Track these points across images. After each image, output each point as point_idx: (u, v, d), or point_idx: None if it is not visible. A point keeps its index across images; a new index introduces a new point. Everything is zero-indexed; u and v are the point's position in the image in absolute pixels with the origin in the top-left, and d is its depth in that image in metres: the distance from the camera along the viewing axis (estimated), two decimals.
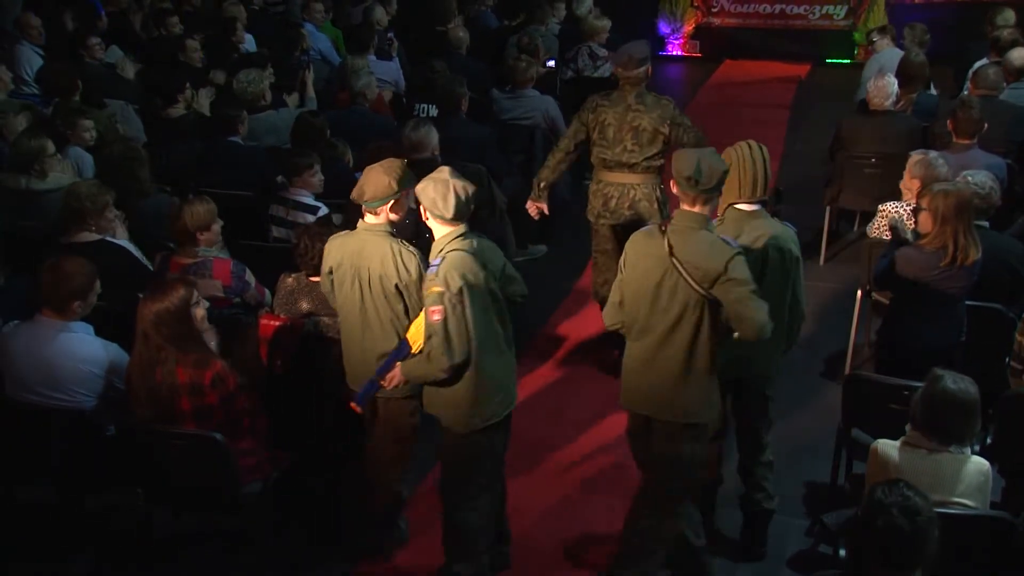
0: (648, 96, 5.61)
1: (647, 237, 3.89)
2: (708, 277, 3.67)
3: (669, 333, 3.80)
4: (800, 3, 12.13)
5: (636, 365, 3.94)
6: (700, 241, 3.73)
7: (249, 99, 6.88)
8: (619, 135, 5.58)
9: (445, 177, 3.79)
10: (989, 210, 4.95)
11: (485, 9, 10.50)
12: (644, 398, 3.94)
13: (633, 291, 3.89)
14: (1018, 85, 7.04)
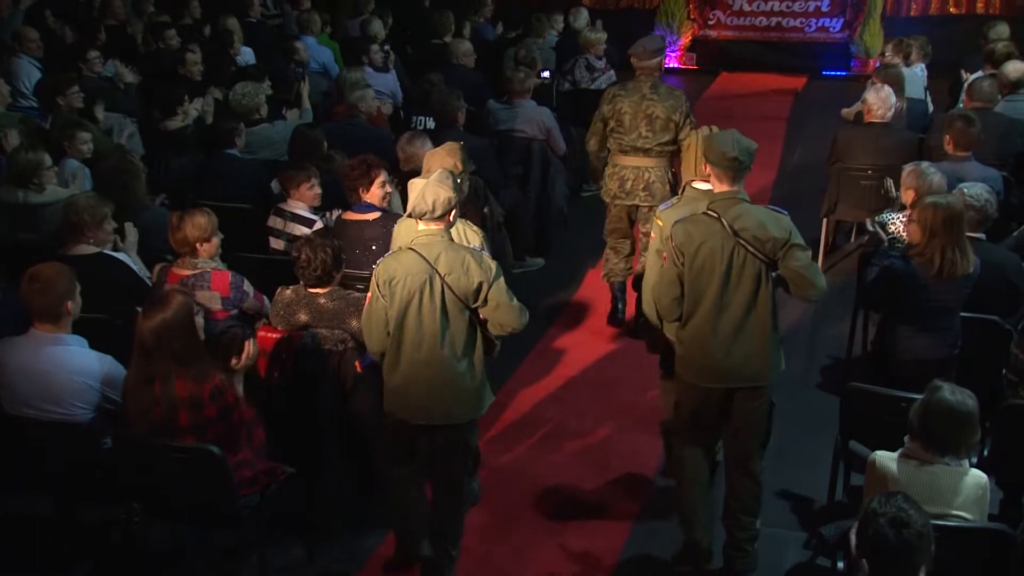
0: (662, 86, 6.11)
1: (698, 225, 4.11)
2: (777, 246, 4.03)
3: (750, 305, 4.10)
4: (796, 16, 12.18)
5: (718, 344, 4.13)
6: (755, 215, 4.06)
7: (246, 112, 6.89)
8: (634, 122, 6.04)
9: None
10: (986, 222, 4.96)
11: (483, 21, 10.54)
12: (734, 371, 4.17)
13: (698, 276, 4.11)
14: (1013, 98, 7.07)
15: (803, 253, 4.07)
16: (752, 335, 4.13)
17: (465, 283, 3.94)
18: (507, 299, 4.00)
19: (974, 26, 10.45)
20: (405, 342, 4.01)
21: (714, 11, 12.35)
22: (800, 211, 7.80)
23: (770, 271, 4.10)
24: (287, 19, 10.61)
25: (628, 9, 12.66)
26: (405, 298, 3.96)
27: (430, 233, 4.00)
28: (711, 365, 4.18)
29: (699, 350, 4.20)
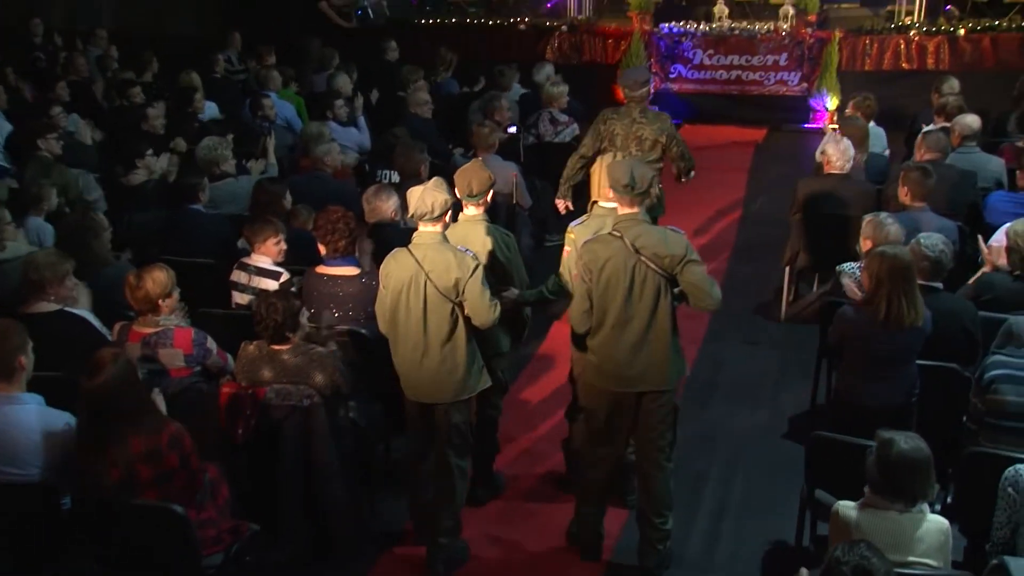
0: (649, 112, 6.84)
1: (603, 244, 4.53)
2: (675, 262, 4.41)
3: (652, 317, 4.48)
4: (755, 70, 12.36)
5: (624, 353, 4.52)
6: (655, 234, 4.48)
7: (209, 167, 6.90)
8: (626, 143, 6.68)
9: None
10: (941, 272, 5.05)
11: (446, 75, 10.64)
12: (638, 377, 4.56)
13: (604, 291, 4.50)
14: (964, 149, 7.22)
15: (698, 268, 4.47)
16: (654, 344, 4.52)
17: (445, 279, 4.47)
18: (479, 295, 4.50)
19: (925, 80, 10.72)
20: (398, 329, 4.62)
21: (675, 65, 12.52)
22: (762, 261, 8.01)
23: (670, 286, 4.49)
24: (251, 74, 10.65)
25: (590, 63, 12.80)
26: (396, 290, 4.55)
27: (427, 234, 4.54)
28: (620, 372, 4.57)
29: (609, 358, 4.57)
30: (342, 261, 5.34)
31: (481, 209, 4.96)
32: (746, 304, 7.62)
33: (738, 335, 7.23)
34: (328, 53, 10.77)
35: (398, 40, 11.65)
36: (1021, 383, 4.31)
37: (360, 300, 5.31)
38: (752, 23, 12.49)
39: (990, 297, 5.33)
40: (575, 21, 12.97)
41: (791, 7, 12.11)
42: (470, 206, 4.96)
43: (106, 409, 3.82)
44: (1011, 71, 10.99)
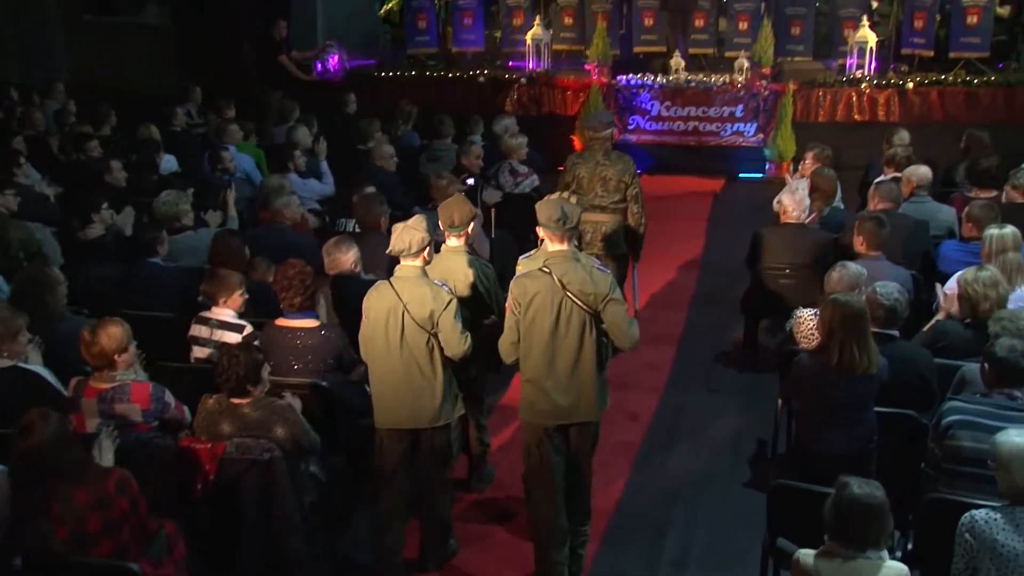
0: (612, 153, 7.29)
1: (533, 280, 4.70)
2: (598, 299, 4.61)
3: (578, 351, 4.68)
4: (712, 121, 12.54)
5: (554, 386, 4.71)
6: (581, 272, 4.64)
7: (168, 220, 6.87)
8: (591, 184, 7.17)
9: None
10: (897, 320, 5.12)
11: (406, 128, 10.70)
12: (570, 409, 4.75)
13: (531, 325, 4.68)
14: (916, 199, 7.37)
15: (619, 307, 4.69)
16: (581, 377, 4.71)
17: (421, 311, 4.70)
18: (451, 327, 4.73)
19: (877, 132, 10.96)
20: (377, 357, 4.83)
21: (633, 116, 12.67)
22: (722, 309, 8.08)
23: (595, 322, 4.67)
24: (211, 128, 10.65)
25: (549, 115, 12.93)
26: (376, 320, 4.78)
27: (407, 268, 4.79)
28: (549, 406, 4.75)
29: (538, 393, 4.75)
30: (301, 314, 5.33)
31: (462, 240, 5.24)
32: (706, 352, 7.67)
33: (699, 383, 7.26)
34: (288, 105, 10.81)
35: (358, 93, 11.73)
36: (977, 428, 4.36)
37: (320, 352, 5.32)
38: (708, 75, 12.71)
39: (945, 344, 5.40)
40: (534, 74, 13.11)
41: (746, 60, 12.35)
42: (452, 237, 5.25)
43: (44, 468, 3.77)
44: (958, 123, 11.32)
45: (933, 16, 12.34)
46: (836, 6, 13.35)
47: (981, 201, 6.95)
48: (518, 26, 13.87)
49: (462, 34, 14.15)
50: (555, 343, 4.67)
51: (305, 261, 5.53)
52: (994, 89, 11.73)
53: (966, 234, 6.71)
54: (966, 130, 9.38)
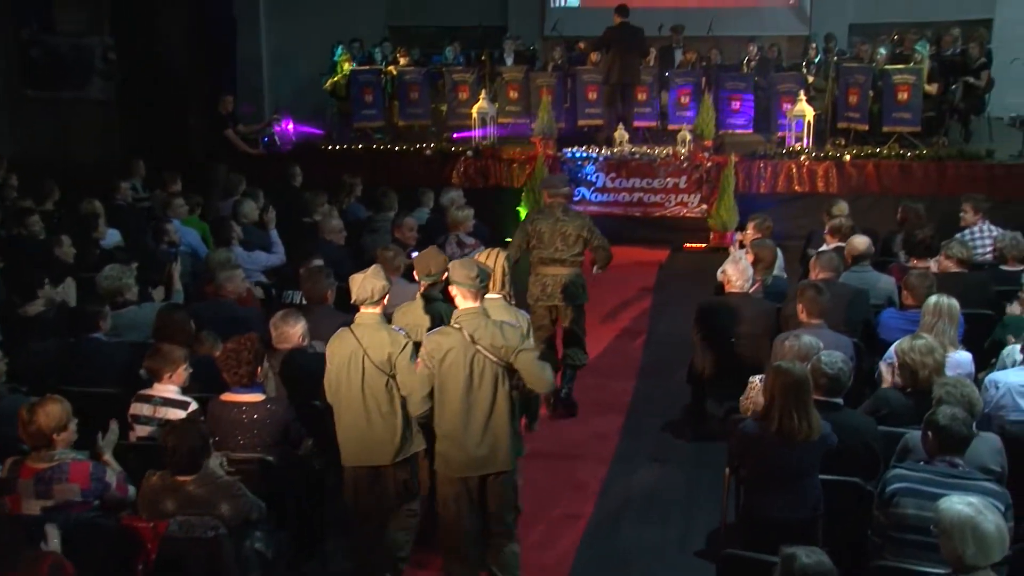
0: (570, 211, 7.75)
1: (445, 336, 4.92)
2: (509, 352, 4.83)
3: (492, 403, 4.88)
4: (656, 192, 12.73)
5: (466, 438, 4.90)
6: (492, 327, 4.86)
7: (112, 294, 6.79)
8: (551, 239, 7.54)
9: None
10: (840, 388, 5.19)
11: (350, 201, 10.73)
12: (485, 461, 4.94)
13: (445, 380, 4.89)
14: (857, 269, 7.51)
15: (530, 355, 4.91)
16: (495, 428, 4.92)
17: (380, 354, 4.99)
18: (405, 368, 4.97)
19: (817, 202, 11.23)
20: (341, 399, 5.11)
21: (578, 188, 12.80)
22: (669, 379, 8.12)
23: (507, 374, 4.90)
24: (156, 202, 10.59)
25: (496, 187, 13.05)
26: (339, 365, 5.08)
27: (367, 315, 5.10)
28: (464, 458, 4.94)
29: (454, 445, 4.95)
30: (247, 388, 5.29)
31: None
32: (654, 422, 7.69)
33: (647, 453, 7.27)
34: (234, 179, 10.79)
35: (305, 166, 11.76)
36: (920, 496, 4.40)
37: (266, 426, 5.27)
38: (652, 148, 12.94)
39: (887, 412, 5.46)
40: (480, 146, 13.25)
41: (688, 133, 12.61)
42: (427, 287, 5.63)
43: None
44: (893, 195, 11.66)
45: (866, 92, 12.74)
46: (773, 81, 13.73)
47: (918, 270, 7.11)
48: (464, 100, 14.06)
49: (408, 108, 14.31)
50: (469, 397, 4.88)
51: (251, 335, 5.49)
52: (926, 163, 12.09)
53: (905, 302, 6.85)
54: (901, 202, 9.67)
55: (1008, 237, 7.88)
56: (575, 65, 14.65)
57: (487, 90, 13.77)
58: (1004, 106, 14.48)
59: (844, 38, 15.83)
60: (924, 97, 12.54)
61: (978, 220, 8.91)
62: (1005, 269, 7.68)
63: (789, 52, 16.22)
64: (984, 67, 13.25)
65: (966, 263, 7.50)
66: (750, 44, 15.14)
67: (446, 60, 15.29)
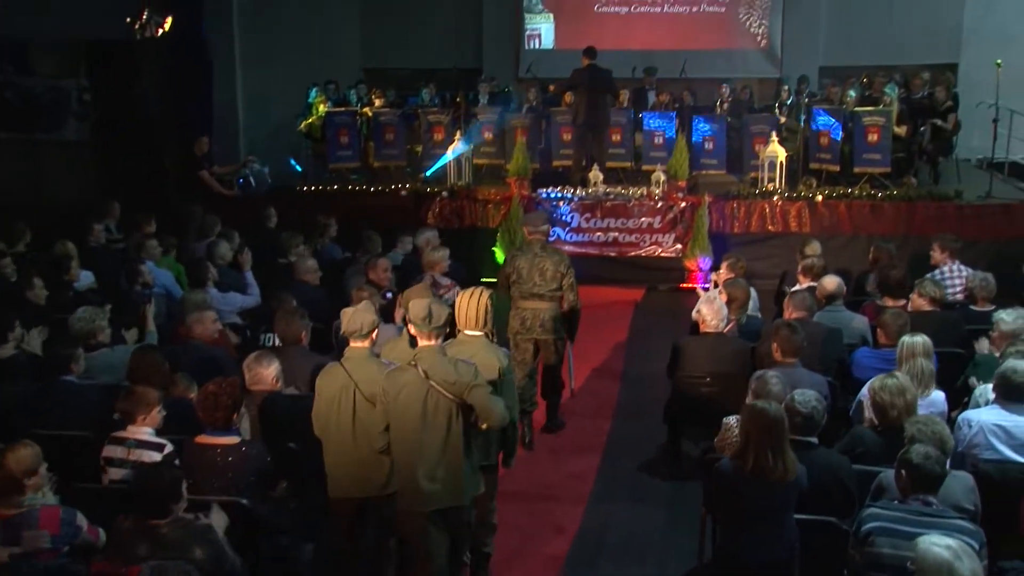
0: (548, 247, 8.09)
1: (401, 373, 5.01)
2: (462, 388, 4.89)
3: (445, 437, 4.96)
4: (631, 233, 12.80)
5: (420, 472, 4.96)
6: (446, 364, 4.94)
7: (84, 336, 6.74)
8: (530, 274, 7.83)
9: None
10: (815, 427, 5.21)
11: (325, 242, 10.72)
12: (441, 494, 5.01)
13: (400, 415, 4.96)
14: (830, 308, 7.58)
15: (483, 391, 4.95)
16: (448, 464, 4.99)
17: (371, 388, 5.10)
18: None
19: (790, 242, 11.33)
20: (330, 432, 5.26)
21: (554, 228, 12.85)
22: (645, 418, 8.12)
23: (462, 410, 4.95)
24: (130, 243, 10.54)
25: (471, 227, 13.08)
26: (329, 398, 5.23)
27: (357, 349, 5.28)
28: (421, 492, 4.99)
29: (410, 480, 5.01)
30: (222, 431, 5.26)
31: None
32: (630, 462, 7.68)
33: (624, 493, 7.26)
34: (210, 221, 10.76)
35: (281, 207, 11.75)
36: (895, 535, 4.41)
37: (241, 469, 5.23)
38: (626, 188, 13.05)
39: (862, 451, 5.49)
40: (455, 187, 13.30)
41: (662, 173, 12.72)
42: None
43: None
44: (865, 234, 11.79)
45: (837, 133, 12.90)
46: (746, 122, 13.90)
47: (892, 309, 7.17)
48: (439, 141, 14.13)
49: (384, 148, 14.36)
50: (424, 432, 4.95)
51: (232, 379, 5.46)
52: (897, 203, 12.24)
53: (879, 341, 6.91)
54: (873, 242, 9.76)
55: (978, 277, 7.99)
56: (549, 106, 14.77)
57: (462, 131, 13.85)
58: (971, 148, 14.81)
59: (815, 80, 16.07)
60: (894, 139, 12.71)
61: (946, 259, 9.01)
62: (975, 309, 7.77)
63: (761, 94, 16.45)
64: (951, 110, 13.51)
65: (938, 302, 7.58)
66: (722, 86, 15.34)
67: (421, 102, 15.37)
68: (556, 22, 17.78)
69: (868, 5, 16.94)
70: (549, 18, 17.80)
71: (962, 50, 16.63)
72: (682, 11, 17.43)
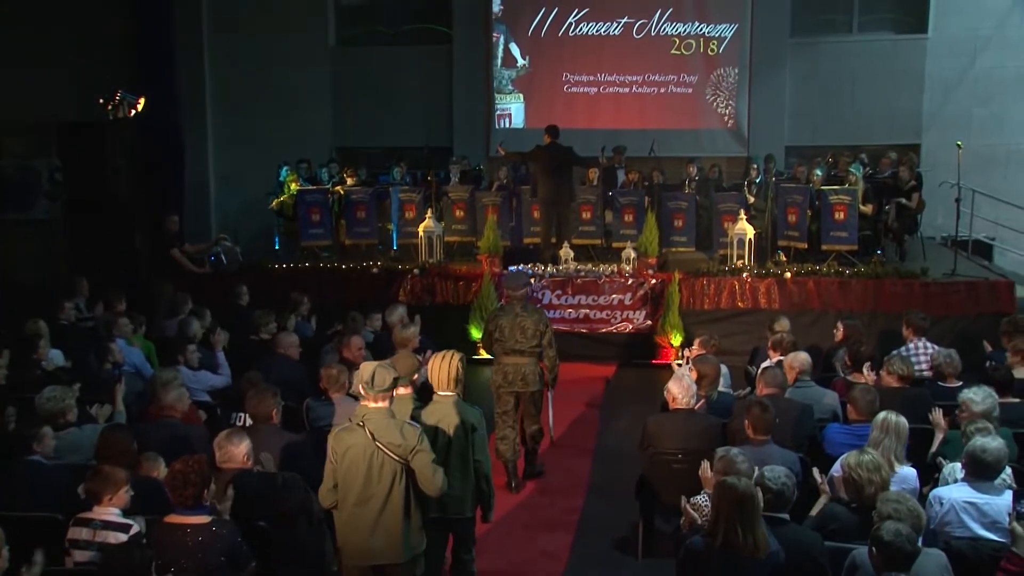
0: (528, 306, 8.70)
1: (349, 433, 5.23)
2: (407, 450, 5.16)
3: (387, 496, 5.19)
4: (602, 309, 12.87)
5: (363, 528, 5.22)
6: (393, 427, 5.19)
7: (52, 416, 6.66)
8: (512, 332, 8.42)
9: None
10: (785, 503, 5.22)
11: (300, 319, 10.71)
12: (381, 551, 5.24)
13: (346, 473, 5.20)
14: (800, 384, 7.64)
15: (426, 456, 5.22)
16: (390, 521, 5.22)
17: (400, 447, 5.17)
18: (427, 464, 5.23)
19: (760, 319, 11.43)
20: (349, 495, 5.25)
21: None
22: (618, 494, 8.08)
23: (405, 471, 5.21)
24: (100, 321, 10.48)
25: (443, 304, 13.11)
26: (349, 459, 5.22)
27: (377, 410, 5.24)
28: (360, 547, 5.25)
29: (351, 534, 5.26)
30: (192, 510, 5.18)
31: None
32: (603, 539, 7.63)
33: (597, 571, 7.19)
34: (180, 298, 10.75)
35: (252, 284, 11.75)
36: None
37: (211, 550, 5.14)
38: (597, 265, 13.17)
39: (835, 527, 5.50)
40: (427, 264, 13.36)
41: (632, 250, 12.85)
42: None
43: None
44: (834, 310, 11.93)
45: (805, 211, 13.13)
46: (715, 200, 14.11)
47: (861, 385, 7.24)
48: (411, 219, 14.23)
49: (355, 226, 14.44)
50: (367, 490, 5.20)
51: (200, 456, 5.41)
52: (864, 280, 12.41)
53: (850, 417, 6.95)
54: (841, 319, 9.88)
55: (943, 354, 8.09)
56: (520, 184, 14.95)
57: (433, 209, 13.97)
58: (936, 227, 15.14)
59: (781, 159, 16.40)
60: (860, 217, 12.94)
61: (912, 336, 9.13)
62: (943, 385, 7.85)
63: (729, 172, 16.75)
64: (915, 189, 13.80)
65: (907, 379, 7.66)
66: (690, 165, 15.61)
67: (393, 180, 15.51)
68: (526, 102, 18.10)
69: (831, 89, 17.40)
70: (519, 98, 18.12)
71: (924, 132, 17.09)
72: (650, 91, 17.79)
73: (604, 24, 17.69)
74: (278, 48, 17.77)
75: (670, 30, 17.60)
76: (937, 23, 17.00)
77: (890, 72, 17.12)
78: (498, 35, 17.99)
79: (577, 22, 17.74)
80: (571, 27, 17.78)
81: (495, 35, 17.99)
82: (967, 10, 16.81)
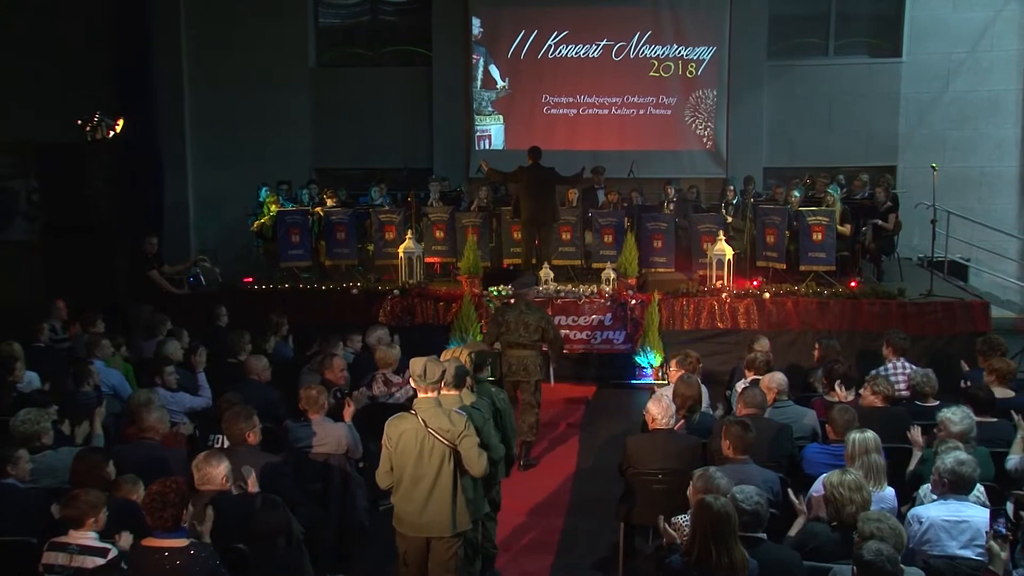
0: (531, 306, 9.87)
1: (403, 420, 5.89)
2: (454, 435, 5.79)
3: (436, 476, 5.82)
4: (582, 329, 12.88)
5: (416, 506, 5.85)
6: (441, 415, 5.83)
7: (27, 439, 6.59)
8: (516, 328, 9.60)
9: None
10: (761, 523, 5.22)
11: (279, 340, 10.67)
12: (430, 525, 5.87)
13: (400, 455, 5.84)
14: (779, 404, 7.66)
15: (472, 440, 5.84)
16: (438, 499, 5.84)
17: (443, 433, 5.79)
18: (472, 447, 5.84)
19: (740, 339, 11.48)
20: (404, 477, 5.87)
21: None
22: (598, 515, 8.08)
23: (454, 454, 5.81)
24: (78, 343, 10.41)
25: (424, 325, 13.07)
26: (403, 444, 5.83)
27: (427, 399, 5.89)
28: (413, 520, 5.89)
29: (405, 509, 5.89)
30: (171, 533, 5.13)
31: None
32: (584, 559, 7.63)
33: None
34: (159, 319, 10.68)
35: (231, 305, 11.70)
36: None
37: (190, 572, 5.07)
38: (577, 286, 13.19)
39: (815, 546, 5.50)
40: (407, 285, 13.34)
41: (612, 271, 12.88)
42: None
43: None
44: (813, 330, 11.99)
45: (783, 232, 13.21)
46: (694, 221, 14.18)
47: (840, 405, 7.26)
48: (391, 239, 14.23)
49: (335, 247, 14.42)
50: (418, 471, 5.82)
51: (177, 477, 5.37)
52: (843, 300, 12.49)
53: (829, 436, 6.97)
54: (817, 339, 9.94)
55: (920, 374, 8.15)
56: (500, 205, 14.97)
57: (413, 230, 13.97)
58: (912, 247, 15.28)
59: (759, 180, 16.50)
60: (838, 237, 13.03)
61: (891, 355, 9.19)
62: (921, 404, 7.90)
63: (708, 193, 16.84)
64: (891, 210, 13.91)
65: (888, 399, 7.70)
66: (668, 186, 15.69)
67: (372, 201, 15.51)
68: (506, 123, 18.14)
69: (808, 111, 17.54)
70: (499, 119, 18.16)
71: (899, 154, 17.24)
72: (629, 113, 17.87)
73: (583, 46, 17.78)
74: (258, 69, 17.77)
75: (649, 52, 17.70)
76: (911, 48, 17.18)
77: (866, 95, 17.29)
78: (478, 57, 18.05)
79: (556, 44, 17.82)
80: (550, 49, 17.85)
81: (475, 57, 18.05)
82: (941, 35, 17.01)
